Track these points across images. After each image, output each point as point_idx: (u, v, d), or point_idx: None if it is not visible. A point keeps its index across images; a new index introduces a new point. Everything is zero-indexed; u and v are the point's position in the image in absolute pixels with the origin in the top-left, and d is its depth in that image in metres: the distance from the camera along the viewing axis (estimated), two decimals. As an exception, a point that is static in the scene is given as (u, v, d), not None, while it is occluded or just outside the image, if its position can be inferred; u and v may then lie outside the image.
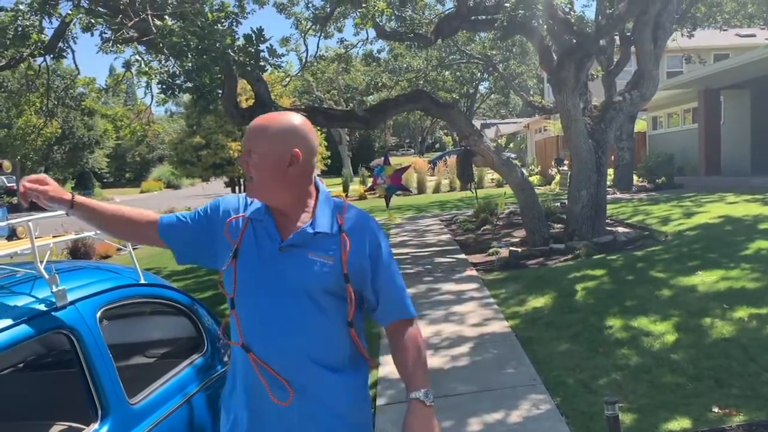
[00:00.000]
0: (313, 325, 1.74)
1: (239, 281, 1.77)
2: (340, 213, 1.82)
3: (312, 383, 1.76)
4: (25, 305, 2.07)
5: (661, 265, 7.15)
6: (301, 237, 1.76)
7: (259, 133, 1.75)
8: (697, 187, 15.46)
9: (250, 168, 1.75)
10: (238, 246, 1.79)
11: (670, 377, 4.22)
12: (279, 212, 1.81)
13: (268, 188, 1.76)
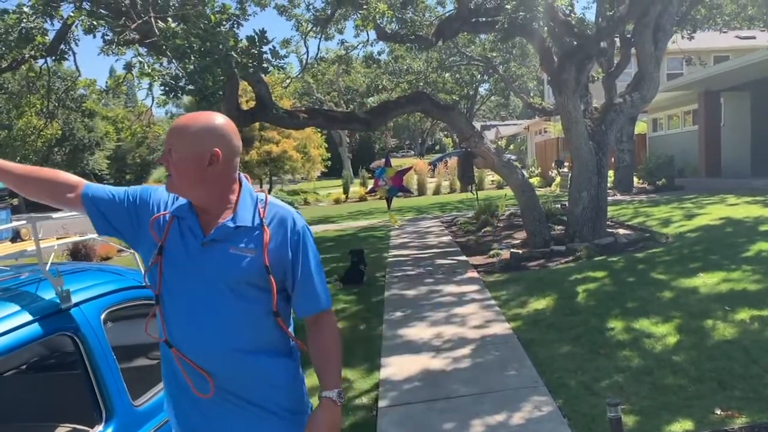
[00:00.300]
0: (237, 318, 1.78)
1: (164, 278, 1.81)
2: (262, 207, 1.85)
3: (238, 375, 1.80)
4: (30, 307, 2.07)
5: (662, 267, 7.15)
6: (223, 232, 1.80)
7: (179, 132, 1.78)
8: (697, 189, 15.47)
9: (169, 166, 1.78)
10: (163, 243, 1.82)
11: (672, 379, 4.22)
12: (201, 209, 1.84)
13: (188, 186, 1.79)
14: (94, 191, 1.91)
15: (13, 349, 1.94)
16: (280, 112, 8.54)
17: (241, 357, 1.78)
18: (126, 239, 1.95)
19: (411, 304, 6.89)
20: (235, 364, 1.78)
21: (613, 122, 9.71)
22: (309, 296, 1.88)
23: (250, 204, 1.84)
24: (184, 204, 1.85)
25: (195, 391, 1.78)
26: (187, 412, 1.85)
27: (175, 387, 1.85)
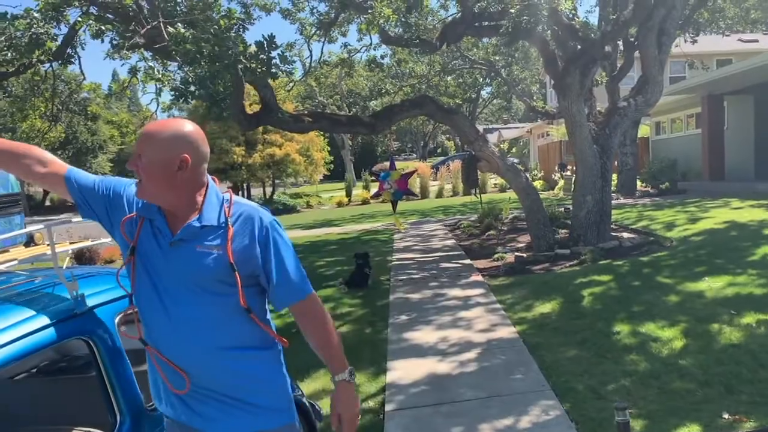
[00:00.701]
0: (209, 315, 1.83)
1: (137, 277, 1.86)
2: (227, 206, 1.89)
3: (214, 371, 1.85)
4: (46, 311, 2.09)
5: (668, 271, 7.15)
6: (189, 231, 1.84)
7: (149, 138, 1.83)
8: (700, 193, 15.47)
9: (139, 171, 1.82)
10: (135, 244, 1.87)
11: (679, 383, 4.22)
12: (169, 211, 1.88)
13: (156, 190, 1.83)
14: (77, 176, 1.98)
15: (31, 352, 1.96)
16: (284, 116, 8.56)
17: (216, 353, 1.83)
18: (104, 226, 2.01)
19: (416, 308, 6.89)
20: (210, 360, 1.83)
21: (617, 126, 9.72)
22: (287, 287, 1.91)
23: (215, 204, 1.89)
24: (153, 206, 1.89)
25: (171, 387, 1.84)
26: (171, 403, 1.91)
27: (158, 382, 1.92)
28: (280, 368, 1.96)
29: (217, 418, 1.86)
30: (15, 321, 1.99)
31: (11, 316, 2.01)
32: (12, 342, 1.91)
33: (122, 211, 1.93)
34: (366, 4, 9.78)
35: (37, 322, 2.03)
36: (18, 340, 1.93)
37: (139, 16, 5.83)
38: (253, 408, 1.87)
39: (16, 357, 1.92)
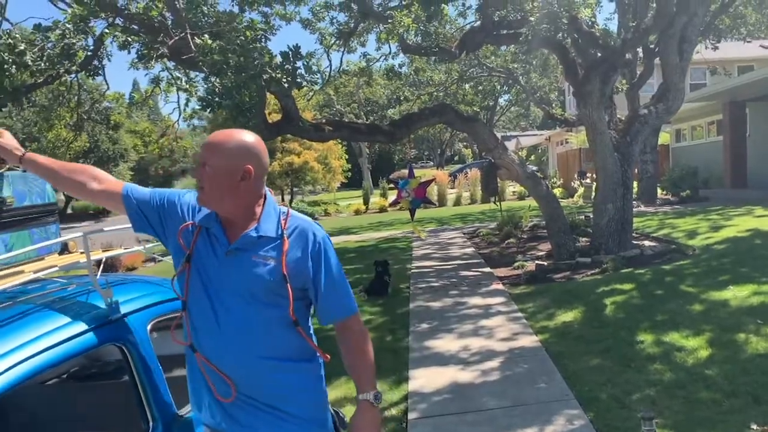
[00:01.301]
0: (259, 325, 1.85)
1: (191, 284, 1.88)
2: (284, 219, 1.93)
3: (259, 381, 1.87)
4: (81, 318, 2.13)
5: (691, 280, 7.09)
6: (246, 241, 1.88)
7: (215, 147, 1.86)
8: (723, 200, 15.30)
9: (203, 179, 1.85)
10: (191, 252, 1.90)
11: (705, 393, 4.18)
12: (227, 220, 1.92)
13: (219, 199, 1.87)
14: (134, 192, 2.03)
15: (68, 358, 2.00)
16: (305, 125, 8.62)
17: (262, 363, 1.86)
18: (158, 237, 2.04)
19: (437, 316, 6.89)
20: (256, 369, 1.86)
21: (638, 133, 9.67)
22: (334, 303, 1.95)
23: (273, 216, 1.92)
24: (211, 213, 1.93)
25: (217, 395, 1.86)
26: (213, 411, 1.92)
27: (200, 388, 1.93)
28: (320, 381, 1.99)
29: (257, 427, 1.88)
30: (52, 328, 2.03)
31: (48, 323, 2.05)
32: (49, 348, 1.95)
33: (177, 219, 1.97)
34: (386, 13, 9.84)
35: (72, 328, 2.06)
36: (55, 347, 1.97)
37: (164, 27, 5.93)
38: (293, 418, 1.89)
39: (53, 363, 1.96)
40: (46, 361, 1.92)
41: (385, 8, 10.69)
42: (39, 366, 1.89)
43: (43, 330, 2.01)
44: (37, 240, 2.43)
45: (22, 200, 2.41)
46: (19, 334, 1.96)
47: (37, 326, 2.02)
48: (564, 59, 10.02)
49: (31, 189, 2.45)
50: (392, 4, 10.71)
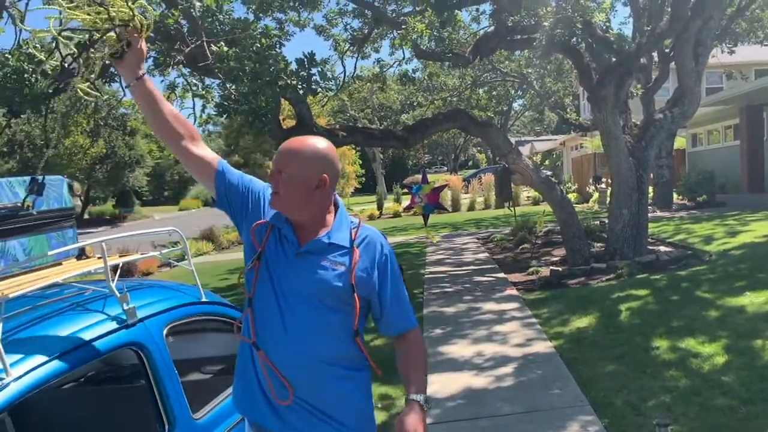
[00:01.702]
0: (322, 329, 1.86)
1: (258, 283, 1.89)
2: (354, 229, 1.95)
3: (316, 386, 1.87)
4: (99, 322, 2.16)
5: (707, 285, 7.03)
6: (317, 245, 1.90)
7: (292, 155, 1.89)
8: (740, 205, 15.15)
9: (279, 185, 1.87)
10: (262, 250, 1.91)
11: (721, 400, 4.14)
12: (298, 223, 1.94)
13: (293, 205, 1.89)
14: (226, 168, 2.03)
15: (86, 361, 2.03)
16: (319, 130, 8.66)
17: (321, 368, 1.86)
18: (234, 221, 2.06)
19: (451, 322, 6.89)
20: (314, 374, 1.86)
21: (653, 138, 9.62)
22: (398, 316, 1.98)
23: (345, 225, 1.95)
24: (281, 214, 1.95)
25: (275, 397, 1.86)
26: (263, 412, 1.92)
27: (252, 384, 1.93)
28: (370, 392, 2.02)
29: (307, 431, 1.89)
30: (70, 332, 2.06)
31: (66, 328, 2.08)
32: (67, 352, 1.98)
33: (256, 213, 1.98)
34: (399, 19, 9.87)
35: (90, 333, 2.09)
36: (73, 351, 2.00)
37: (180, 35, 5.99)
38: (341, 427, 1.90)
39: (71, 367, 1.99)
40: (64, 365, 1.95)
41: (398, 14, 10.73)
42: (57, 370, 1.92)
43: (61, 334, 2.04)
44: (55, 245, 2.47)
45: (39, 205, 2.45)
46: (38, 338, 2.00)
47: (55, 330, 2.05)
48: (578, 64, 9.99)
49: (48, 194, 2.49)
50: (406, 10, 10.75)
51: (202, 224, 19.39)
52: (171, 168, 51.33)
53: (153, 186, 51.67)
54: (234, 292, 10.42)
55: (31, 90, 5.03)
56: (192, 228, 19.69)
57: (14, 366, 1.83)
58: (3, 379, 1.77)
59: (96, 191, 39.40)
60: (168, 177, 53.79)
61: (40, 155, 29.55)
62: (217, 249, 17.77)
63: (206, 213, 37.59)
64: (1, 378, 1.77)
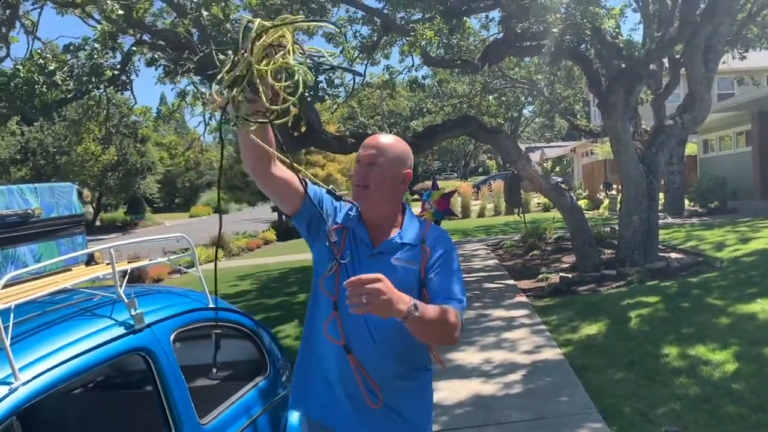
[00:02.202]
0: (399, 329, 1.82)
1: (342, 286, 1.85)
2: (423, 229, 2.00)
3: (397, 387, 1.91)
4: (107, 327, 2.18)
5: (718, 292, 6.98)
6: (390, 245, 1.95)
7: (386, 150, 1.95)
8: (752, 212, 15.03)
9: (369, 179, 1.91)
10: (341, 253, 1.94)
11: (732, 408, 4.11)
12: (373, 222, 1.98)
13: (380, 200, 1.95)
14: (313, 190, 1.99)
15: (94, 366, 2.05)
16: (328, 137, 8.70)
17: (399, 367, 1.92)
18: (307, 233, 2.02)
19: (459, 328, 6.86)
20: (396, 374, 1.91)
21: (663, 144, 9.58)
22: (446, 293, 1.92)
23: (415, 224, 2.01)
24: (354, 216, 1.99)
25: (368, 400, 1.88)
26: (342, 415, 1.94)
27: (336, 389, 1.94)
28: (432, 390, 2.07)
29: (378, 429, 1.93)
30: (78, 337, 2.08)
31: (74, 333, 2.10)
32: (75, 357, 2.00)
33: (323, 220, 1.97)
34: (408, 26, 9.91)
35: (98, 338, 2.12)
36: (81, 356, 2.02)
37: (190, 43, 6.05)
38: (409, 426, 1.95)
39: (79, 372, 2.01)
40: (72, 370, 1.97)
41: (408, 21, 10.77)
42: (65, 374, 1.94)
43: (69, 339, 2.06)
44: (65, 251, 2.50)
45: (49, 212, 2.48)
46: (49, 342, 2.02)
47: (64, 335, 2.07)
48: (588, 70, 9.98)
49: (58, 201, 2.53)
50: (415, 17, 10.78)
51: (212, 231, 19.47)
52: (182, 175, 51.60)
53: (164, 193, 51.96)
54: (244, 298, 10.45)
55: (41, 100, 5.10)
56: (202, 235, 19.78)
57: (23, 370, 1.85)
58: (12, 384, 1.79)
59: (107, 198, 39.68)
60: (179, 184, 54.07)
61: (53, 162, 29.86)
62: (227, 256, 17.83)
63: (217, 220, 37.78)
64: (10, 382, 1.79)
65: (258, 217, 31.59)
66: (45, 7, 7.48)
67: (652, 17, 11.47)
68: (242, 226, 25.31)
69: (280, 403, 2.95)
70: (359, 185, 1.95)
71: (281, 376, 3.09)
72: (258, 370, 2.96)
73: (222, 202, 39.82)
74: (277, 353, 3.14)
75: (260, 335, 2.99)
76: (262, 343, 2.99)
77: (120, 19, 5.82)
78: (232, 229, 22.80)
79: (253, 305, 9.70)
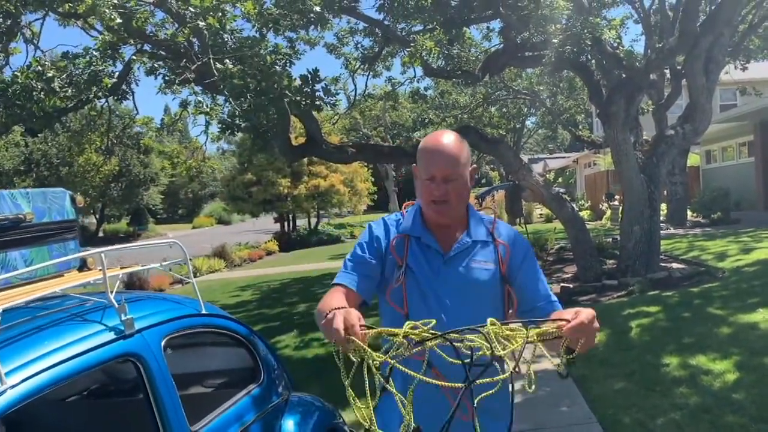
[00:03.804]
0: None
1: (409, 296, 1.84)
2: (489, 225, 1.96)
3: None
4: (97, 333, 2.17)
5: (719, 302, 6.94)
6: (462, 247, 1.88)
7: (455, 159, 1.84)
8: (755, 223, 14.98)
9: (449, 194, 1.84)
10: (405, 263, 1.87)
11: (732, 418, 4.07)
12: (441, 226, 1.91)
13: (459, 208, 1.90)
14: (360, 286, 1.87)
15: (83, 371, 2.03)
16: (328, 147, 8.71)
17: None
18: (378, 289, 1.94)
19: (459, 338, 6.83)
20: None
21: (664, 155, 9.56)
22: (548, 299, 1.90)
23: (480, 222, 1.96)
24: (416, 223, 1.92)
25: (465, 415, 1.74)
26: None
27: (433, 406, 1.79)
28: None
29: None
30: (67, 342, 2.06)
31: (64, 337, 2.09)
32: (65, 361, 1.99)
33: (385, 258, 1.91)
34: (409, 37, 9.94)
35: (88, 343, 2.10)
36: (70, 360, 2.01)
37: (189, 53, 6.08)
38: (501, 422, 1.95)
39: (68, 376, 2.00)
40: (60, 374, 1.95)
41: (408, 32, 10.80)
42: (53, 378, 1.93)
43: (58, 344, 2.04)
44: (56, 256, 2.49)
45: (41, 216, 2.48)
46: (37, 346, 2.00)
47: (53, 340, 2.06)
48: (588, 81, 9.99)
49: (50, 206, 2.52)
50: (416, 29, 10.82)
51: (215, 242, 19.49)
52: (185, 186, 51.73)
53: (167, 204, 52.09)
54: (244, 308, 10.43)
55: (39, 106, 5.12)
56: (205, 245, 19.79)
57: (10, 375, 1.83)
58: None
59: (111, 209, 39.78)
60: (182, 195, 54.21)
61: (56, 174, 29.97)
62: (229, 266, 17.83)
63: (219, 231, 37.79)
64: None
65: (260, 228, 31.63)
66: (47, 18, 7.53)
67: (654, 28, 11.50)
68: (245, 237, 25.35)
69: (274, 411, 2.93)
70: (437, 201, 1.86)
71: (276, 384, 3.08)
72: (252, 378, 2.94)
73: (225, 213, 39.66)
74: (272, 361, 3.12)
75: (254, 343, 2.97)
76: (256, 350, 2.97)
77: (120, 29, 5.85)
78: (234, 239, 22.81)
79: (253, 315, 9.68)
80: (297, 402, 3.19)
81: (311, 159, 21.60)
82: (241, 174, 24.71)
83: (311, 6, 6.11)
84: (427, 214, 1.93)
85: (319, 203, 25.41)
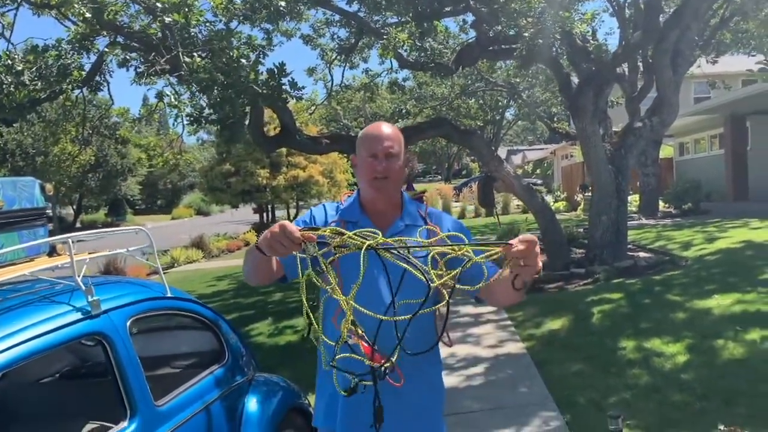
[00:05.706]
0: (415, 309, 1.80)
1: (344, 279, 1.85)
2: (421, 209, 2.09)
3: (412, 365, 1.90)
4: (64, 313, 2.30)
5: (679, 289, 7.20)
6: (396, 229, 2.01)
7: (396, 139, 2.02)
8: (723, 213, 15.35)
9: (389, 170, 1.98)
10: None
11: (679, 396, 4.30)
12: (378, 211, 2.05)
13: (396, 188, 2.05)
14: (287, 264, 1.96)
15: (51, 348, 2.17)
16: (303, 138, 8.82)
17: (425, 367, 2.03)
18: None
19: (429, 325, 7.02)
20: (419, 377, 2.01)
21: (632, 146, 9.80)
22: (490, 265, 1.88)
23: (413, 207, 2.09)
24: (353, 208, 2.05)
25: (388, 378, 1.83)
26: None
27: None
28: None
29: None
30: (35, 321, 2.20)
31: (32, 317, 2.22)
32: (31, 339, 2.12)
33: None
34: (383, 29, 10.06)
35: (57, 321, 2.24)
36: (38, 338, 2.15)
37: (161, 45, 6.16)
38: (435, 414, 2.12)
39: (34, 353, 2.13)
40: (27, 351, 2.09)
41: (384, 24, 10.91)
42: (20, 355, 2.06)
43: (29, 322, 2.18)
44: (26, 242, 2.61)
45: (11, 204, 2.60)
46: (7, 325, 2.14)
47: (21, 319, 2.19)
48: (558, 74, 10.19)
49: (20, 194, 2.64)
50: (391, 21, 10.93)
51: (193, 233, 19.49)
52: (164, 177, 51.34)
53: (146, 195, 51.71)
54: (220, 298, 10.54)
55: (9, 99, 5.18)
56: (183, 236, 19.80)
57: (-20, 351, 1.97)
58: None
59: (88, 200, 39.47)
60: (161, 186, 53.82)
61: (32, 164, 29.68)
62: (206, 257, 17.87)
63: (198, 222, 37.65)
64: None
65: (240, 218, 31.60)
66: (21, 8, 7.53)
67: (628, 21, 11.71)
68: (223, 227, 25.32)
69: (238, 390, 3.09)
70: (378, 177, 1.97)
71: (241, 365, 3.22)
72: (217, 359, 3.08)
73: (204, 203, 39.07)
74: (237, 343, 3.27)
75: (219, 325, 3.12)
76: (221, 332, 3.12)
77: (93, 20, 5.91)
78: (213, 230, 22.81)
79: (229, 304, 9.80)
80: (262, 382, 3.35)
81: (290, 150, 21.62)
82: (220, 164, 24.66)
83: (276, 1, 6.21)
84: (367, 195, 2.06)
85: (298, 194, 25.46)
